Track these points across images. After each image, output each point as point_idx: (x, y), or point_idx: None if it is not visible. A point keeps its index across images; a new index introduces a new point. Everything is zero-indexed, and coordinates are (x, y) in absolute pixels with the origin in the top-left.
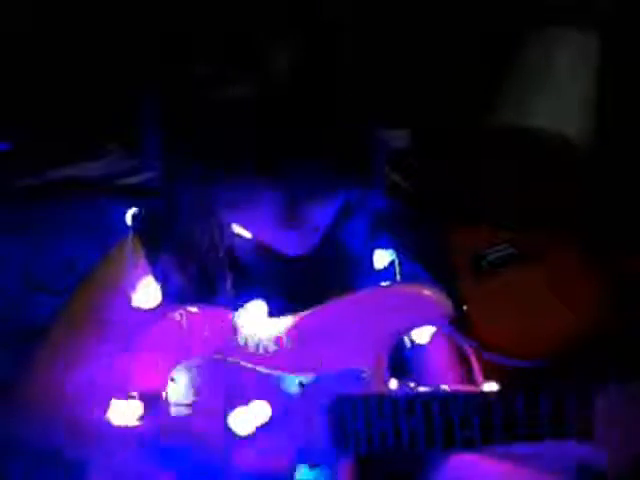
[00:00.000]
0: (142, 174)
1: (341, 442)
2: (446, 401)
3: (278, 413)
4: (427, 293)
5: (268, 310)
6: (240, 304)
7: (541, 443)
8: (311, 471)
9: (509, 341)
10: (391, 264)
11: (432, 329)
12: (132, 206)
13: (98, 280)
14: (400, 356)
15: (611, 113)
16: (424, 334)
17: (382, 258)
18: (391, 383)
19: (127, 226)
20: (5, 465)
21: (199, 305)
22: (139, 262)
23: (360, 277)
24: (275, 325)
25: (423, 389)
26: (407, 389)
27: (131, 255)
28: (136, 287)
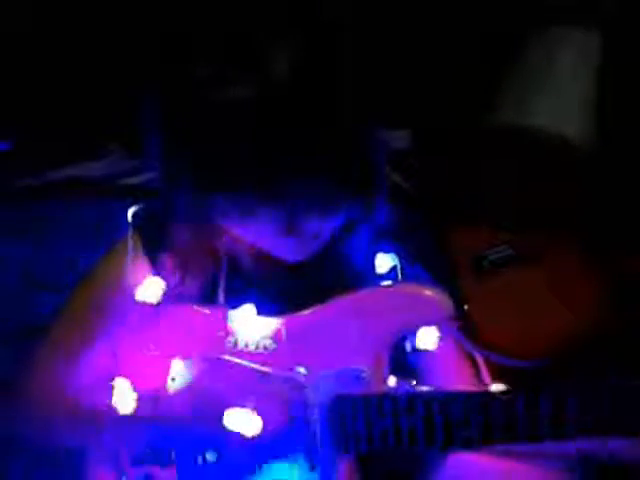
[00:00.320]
0: (143, 174)
1: (341, 442)
2: (446, 401)
3: (277, 413)
4: (427, 293)
5: (264, 314)
6: (236, 306)
7: (541, 444)
8: (311, 471)
9: (509, 341)
10: (393, 269)
11: (438, 334)
12: (133, 206)
13: (99, 277)
14: (407, 361)
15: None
16: (431, 340)
17: (384, 262)
18: (390, 380)
19: (128, 224)
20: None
21: (197, 305)
22: (139, 260)
23: (361, 285)
24: (272, 324)
25: (423, 388)
26: (407, 387)
27: (131, 253)
28: (136, 284)
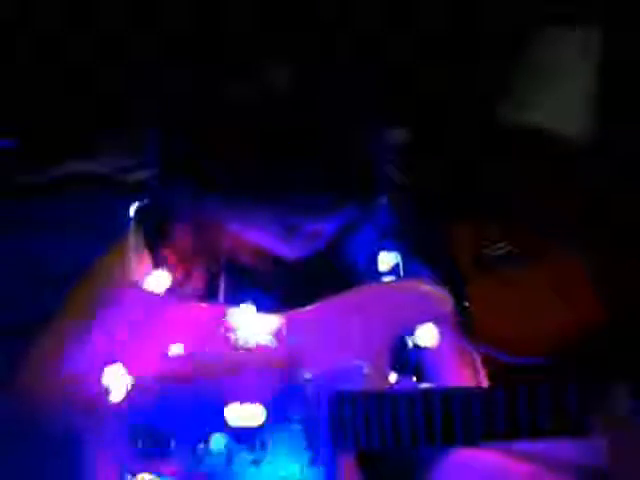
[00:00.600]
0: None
1: (341, 439)
2: (447, 397)
3: (277, 410)
4: (428, 290)
5: (265, 310)
6: (237, 303)
7: (542, 440)
8: (311, 470)
9: (509, 337)
10: (395, 266)
11: (437, 331)
12: (135, 202)
13: (101, 272)
14: (407, 359)
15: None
16: (431, 337)
17: (386, 260)
18: (391, 377)
19: (130, 220)
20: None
21: (198, 301)
22: (142, 255)
23: (362, 282)
24: (273, 321)
25: (424, 385)
26: (408, 384)
27: (134, 248)
28: (139, 279)
